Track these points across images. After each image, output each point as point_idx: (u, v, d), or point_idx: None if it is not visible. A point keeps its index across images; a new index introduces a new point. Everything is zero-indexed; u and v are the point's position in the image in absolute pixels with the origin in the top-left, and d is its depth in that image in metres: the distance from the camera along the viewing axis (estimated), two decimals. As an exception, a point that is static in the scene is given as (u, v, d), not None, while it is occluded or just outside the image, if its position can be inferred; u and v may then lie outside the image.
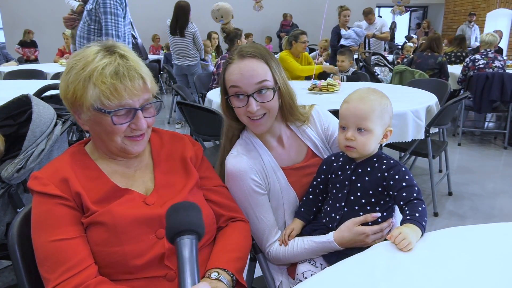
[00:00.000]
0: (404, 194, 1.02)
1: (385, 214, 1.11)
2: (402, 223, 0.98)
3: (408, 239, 0.89)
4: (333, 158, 1.21)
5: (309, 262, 1.19)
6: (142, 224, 0.96)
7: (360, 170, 1.12)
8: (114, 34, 2.74)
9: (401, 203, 1.02)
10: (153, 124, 1.08)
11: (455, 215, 3.00)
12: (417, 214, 0.96)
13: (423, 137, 2.65)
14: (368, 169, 1.11)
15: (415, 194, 1.01)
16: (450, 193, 3.32)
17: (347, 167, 1.15)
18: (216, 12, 5.17)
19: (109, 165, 1.04)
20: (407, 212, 0.98)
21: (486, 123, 5.64)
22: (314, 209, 1.23)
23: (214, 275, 0.96)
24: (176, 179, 1.08)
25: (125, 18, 2.82)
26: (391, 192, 1.06)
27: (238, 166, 1.19)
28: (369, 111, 1.08)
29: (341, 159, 1.18)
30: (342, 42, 5.92)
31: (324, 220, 1.18)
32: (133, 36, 3.11)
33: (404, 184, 1.04)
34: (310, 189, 1.23)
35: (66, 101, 0.99)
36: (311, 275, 1.14)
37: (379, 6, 12.82)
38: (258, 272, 1.40)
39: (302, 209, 1.23)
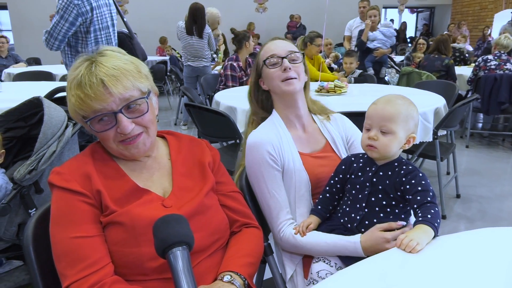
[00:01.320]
0: (419, 197, 1.03)
1: (402, 216, 1.12)
2: (414, 224, 0.98)
3: (416, 240, 0.90)
4: (353, 158, 1.22)
5: (324, 261, 1.18)
6: None
7: (381, 173, 1.13)
8: (49, 31, 2.75)
9: (415, 206, 1.03)
10: (157, 125, 1.07)
11: (463, 217, 2.98)
12: (429, 216, 0.97)
13: (431, 139, 2.64)
14: (389, 172, 1.12)
15: (429, 198, 1.02)
16: (458, 196, 3.30)
17: (368, 168, 1.16)
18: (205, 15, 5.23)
19: (128, 165, 1.05)
20: (420, 214, 1.00)
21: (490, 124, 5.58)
22: (330, 207, 1.24)
23: (227, 278, 0.97)
24: (193, 182, 1.09)
25: (92, 24, 2.79)
26: (407, 196, 1.07)
27: (255, 138, 1.29)
28: (394, 113, 1.10)
29: (361, 160, 1.19)
30: (368, 45, 5.28)
31: (342, 220, 1.18)
32: (127, 35, 3.11)
33: (419, 188, 1.05)
34: (327, 188, 1.24)
35: None
36: (325, 275, 1.15)
37: (385, 7, 12.78)
38: (267, 274, 1.40)
39: (319, 207, 1.24)
